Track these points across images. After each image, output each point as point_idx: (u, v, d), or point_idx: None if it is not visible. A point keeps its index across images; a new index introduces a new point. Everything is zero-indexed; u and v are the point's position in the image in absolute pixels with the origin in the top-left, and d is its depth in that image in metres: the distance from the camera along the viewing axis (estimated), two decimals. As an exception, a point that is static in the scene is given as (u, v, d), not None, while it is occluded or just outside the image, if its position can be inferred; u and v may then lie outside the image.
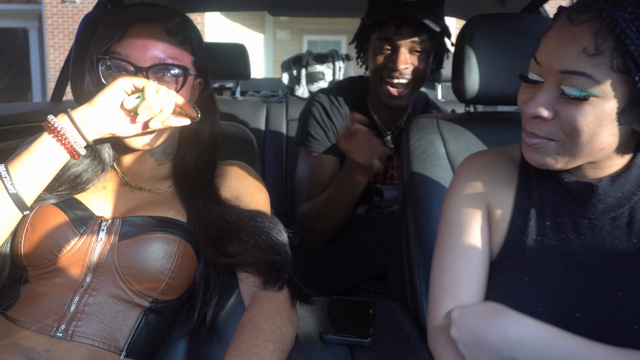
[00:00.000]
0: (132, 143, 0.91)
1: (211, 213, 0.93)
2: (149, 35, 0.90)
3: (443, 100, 2.76)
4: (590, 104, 0.68)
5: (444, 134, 1.27)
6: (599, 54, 0.66)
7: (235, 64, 2.35)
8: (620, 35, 0.64)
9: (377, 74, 1.48)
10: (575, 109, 0.69)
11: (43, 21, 10.14)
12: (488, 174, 0.87)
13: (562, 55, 0.68)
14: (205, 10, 3.89)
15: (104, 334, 0.83)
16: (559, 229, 0.80)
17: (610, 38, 0.65)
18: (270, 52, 11.25)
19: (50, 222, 0.86)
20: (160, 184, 0.99)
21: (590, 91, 0.67)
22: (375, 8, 1.46)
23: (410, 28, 1.41)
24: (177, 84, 0.92)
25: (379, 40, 1.44)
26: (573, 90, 0.68)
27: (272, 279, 0.89)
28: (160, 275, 0.87)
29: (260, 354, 0.78)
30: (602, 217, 0.77)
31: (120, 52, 0.89)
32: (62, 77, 2.07)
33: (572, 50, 0.67)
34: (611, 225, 0.76)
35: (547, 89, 0.71)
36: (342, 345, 0.90)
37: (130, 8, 0.93)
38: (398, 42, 1.42)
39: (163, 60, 0.90)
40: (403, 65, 1.42)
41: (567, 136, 0.71)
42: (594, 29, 0.66)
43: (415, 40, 1.42)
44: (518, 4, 1.82)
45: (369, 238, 1.48)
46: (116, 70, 0.89)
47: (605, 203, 0.76)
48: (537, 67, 0.73)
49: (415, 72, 1.45)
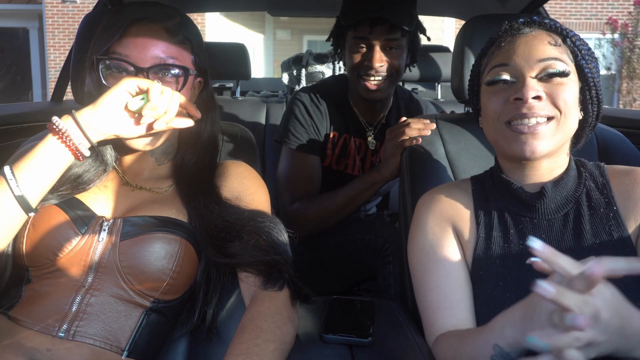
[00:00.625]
0: (134, 144, 0.91)
1: (212, 213, 0.93)
2: (149, 35, 0.90)
3: (443, 100, 2.76)
4: (568, 83, 0.85)
5: (443, 134, 1.27)
6: (559, 45, 0.87)
7: (235, 64, 2.35)
8: (563, 32, 0.87)
9: (354, 71, 1.54)
10: (562, 87, 0.85)
11: (43, 21, 10.14)
12: (447, 202, 0.98)
13: (535, 49, 0.86)
14: (205, 11, 3.89)
15: (106, 334, 0.83)
16: (522, 234, 0.91)
17: (558, 36, 0.88)
18: (270, 52, 11.24)
19: (51, 222, 0.87)
20: (160, 184, 0.99)
21: (565, 70, 0.85)
22: (350, 9, 1.52)
23: (384, 27, 1.46)
24: (178, 84, 0.92)
25: (355, 39, 1.51)
26: (556, 70, 0.85)
27: (272, 278, 0.89)
28: (161, 275, 0.87)
29: (261, 353, 0.78)
30: (555, 214, 0.90)
31: (121, 52, 0.89)
32: (63, 77, 2.07)
33: (540, 45, 0.86)
34: (564, 220, 0.89)
35: (529, 80, 0.85)
36: (342, 345, 0.90)
37: (130, 7, 0.93)
38: (373, 41, 1.48)
39: (163, 60, 0.90)
40: (378, 63, 1.49)
41: (562, 112, 0.85)
42: (544, 31, 0.88)
43: (389, 38, 1.48)
44: (518, 4, 1.82)
45: (357, 241, 1.49)
46: (116, 71, 0.89)
47: (555, 202, 0.89)
48: (511, 69, 0.87)
49: (391, 68, 1.51)
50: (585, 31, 10.04)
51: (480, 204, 0.96)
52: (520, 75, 0.86)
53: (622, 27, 7.92)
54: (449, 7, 2.35)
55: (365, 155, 1.64)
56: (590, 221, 0.88)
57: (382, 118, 1.65)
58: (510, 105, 0.86)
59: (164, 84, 0.89)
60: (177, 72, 0.91)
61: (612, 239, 0.87)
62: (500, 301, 0.86)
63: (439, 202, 0.98)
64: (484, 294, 0.88)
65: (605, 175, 0.93)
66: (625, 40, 8.00)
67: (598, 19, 10.16)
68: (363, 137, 1.64)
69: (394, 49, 1.50)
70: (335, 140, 1.61)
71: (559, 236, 0.89)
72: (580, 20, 10.28)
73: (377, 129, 1.65)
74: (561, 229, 0.89)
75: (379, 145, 1.63)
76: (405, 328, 0.97)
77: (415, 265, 0.96)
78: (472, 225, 0.95)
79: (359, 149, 1.64)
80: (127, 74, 0.88)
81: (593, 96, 0.89)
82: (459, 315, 0.87)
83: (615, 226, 0.87)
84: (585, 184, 0.91)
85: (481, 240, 0.93)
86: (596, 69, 0.90)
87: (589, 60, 0.88)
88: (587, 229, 0.88)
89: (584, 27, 10.21)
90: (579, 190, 0.91)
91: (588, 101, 0.89)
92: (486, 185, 0.98)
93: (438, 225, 0.95)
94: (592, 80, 0.88)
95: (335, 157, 1.62)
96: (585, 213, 0.89)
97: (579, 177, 0.92)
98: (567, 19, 10.19)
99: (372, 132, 1.64)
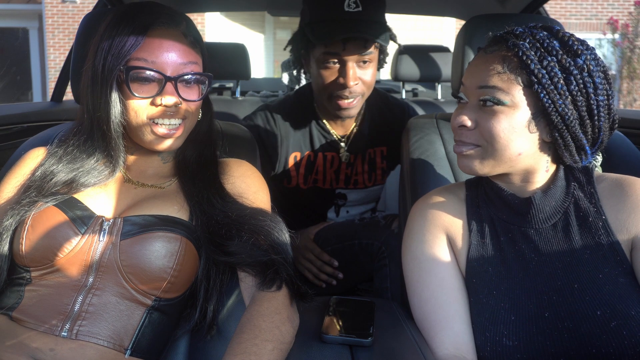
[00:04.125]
0: (156, 146, 0.95)
1: (214, 208, 0.94)
2: (170, 39, 0.92)
3: (443, 100, 2.76)
4: (503, 112, 0.85)
5: (444, 134, 1.27)
6: (506, 72, 0.85)
7: (235, 64, 2.35)
8: (522, 56, 0.83)
9: (325, 91, 1.42)
10: (492, 117, 0.85)
11: (43, 21, 10.14)
12: (440, 209, 0.98)
13: (479, 74, 0.87)
14: (205, 11, 3.89)
15: (109, 333, 0.83)
16: (512, 242, 0.92)
17: (515, 60, 0.84)
18: (270, 52, 11.24)
19: (50, 222, 0.87)
20: (163, 180, 1.00)
21: (501, 99, 0.84)
22: (321, 29, 1.36)
23: (358, 42, 1.35)
24: (200, 90, 0.96)
25: (325, 55, 1.37)
26: (489, 98, 0.85)
27: (268, 279, 0.89)
28: (162, 273, 0.87)
29: (259, 353, 0.78)
30: (544, 224, 0.91)
31: (146, 59, 0.89)
32: (62, 77, 2.07)
33: (485, 71, 0.86)
34: (553, 230, 0.91)
35: (470, 105, 0.89)
36: (342, 345, 0.90)
37: (139, 11, 0.92)
38: (346, 57, 1.35)
39: (185, 65, 0.92)
40: (353, 82, 1.37)
41: (488, 142, 0.86)
42: (501, 54, 0.86)
43: (363, 53, 1.36)
44: (518, 4, 1.82)
45: (354, 246, 1.49)
46: (145, 82, 0.90)
47: (544, 212, 0.91)
48: (463, 88, 0.90)
49: (364, 84, 1.41)
50: (585, 31, 10.05)
51: (473, 211, 0.97)
52: (467, 95, 0.90)
53: (622, 27, 7.92)
54: (449, 7, 2.35)
55: (339, 168, 1.59)
56: (579, 231, 0.89)
57: (355, 127, 1.58)
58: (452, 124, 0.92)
59: (188, 90, 0.94)
60: (201, 79, 0.95)
61: (602, 248, 0.87)
62: (494, 309, 0.87)
63: (431, 209, 0.99)
64: (478, 302, 0.90)
65: (592, 183, 0.93)
66: (625, 40, 8.00)
67: (598, 19, 10.16)
68: (335, 149, 1.56)
69: (367, 62, 1.39)
70: (298, 160, 1.55)
71: (549, 245, 0.90)
72: (580, 21, 10.28)
73: (350, 140, 1.57)
74: (550, 239, 0.90)
75: (353, 158, 1.58)
76: (405, 328, 0.97)
77: (409, 274, 0.97)
78: (465, 233, 0.96)
79: (332, 162, 1.58)
80: (155, 84, 0.90)
81: (557, 122, 0.83)
82: (455, 328, 0.88)
83: (605, 235, 0.88)
84: (573, 194, 0.92)
85: (473, 248, 0.94)
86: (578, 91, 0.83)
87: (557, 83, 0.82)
88: (576, 239, 0.89)
89: (584, 27, 10.21)
90: (567, 200, 0.92)
91: (549, 126, 0.85)
92: (479, 191, 0.99)
93: (431, 232, 0.96)
94: (551, 106, 0.82)
95: (302, 176, 1.57)
96: (573, 223, 0.90)
97: (567, 187, 0.92)
98: (567, 19, 10.19)
99: (344, 144, 1.57)
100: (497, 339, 0.85)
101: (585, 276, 0.86)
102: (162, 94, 0.91)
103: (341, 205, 1.66)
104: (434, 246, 0.95)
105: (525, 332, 0.84)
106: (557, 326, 0.83)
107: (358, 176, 1.61)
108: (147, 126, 0.93)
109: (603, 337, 0.80)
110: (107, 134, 0.92)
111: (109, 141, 0.92)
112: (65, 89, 2.10)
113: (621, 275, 0.84)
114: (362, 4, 1.35)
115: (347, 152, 1.57)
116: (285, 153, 1.55)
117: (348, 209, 1.68)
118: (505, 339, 0.85)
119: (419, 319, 0.94)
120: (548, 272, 0.88)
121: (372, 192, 1.68)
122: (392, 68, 2.78)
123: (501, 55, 0.86)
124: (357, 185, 1.63)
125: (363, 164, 1.61)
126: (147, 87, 0.91)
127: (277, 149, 1.52)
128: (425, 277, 0.93)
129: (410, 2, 2.33)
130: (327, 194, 1.62)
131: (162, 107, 0.91)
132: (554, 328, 0.83)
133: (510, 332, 0.85)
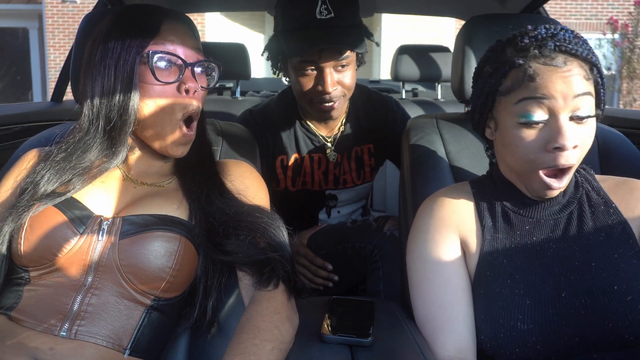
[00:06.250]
0: (171, 152, 0.95)
1: (213, 205, 0.94)
2: (180, 31, 0.94)
3: (443, 100, 2.76)
4: (592, 122, 0.85)
5: (444, 134, 1.27)
6: (589, 79, 0.84)
7: (235, 64, 2.35)
8: (592, 58, 0.84)
9: (305, 97, 1.42)
10: (587, 128, 0.84)
11: (43, 21, 10.14)
12: (450, 207, 0.98)
13: (573, 84, 0.82)
14: (205, 11, 3.89)
15: (108, 333, 0.83)
16: (529, 234, 0.93)
17: (587, 65, 0.84)
18: (270, 52, 11.23)
19: (49, 223, 0.86)
20: (162, 178, 1.00)
21: (593, 111, 0.84)
22: (294, 40, 1.35)
23: (335, 49, 1.33)
24: (212, 78, 1.00)
25: (301, 63, 1.36)
26: (590, 102, 0.84)
27: (265, 278, 0.90)
28: (161, 273, 0.87)
29: (259, 352, 0.78)
30: (560, 214, 0.94)
31: (165, 45, 0.91)
32: (62, 77, 2.07)
33: (578, 77, 0.83)
34: (568, 219, 0.94)
35: (563, 120, 0.82)
36: (342, 345, 0.90)
37: (140, 8, 0.95)
38: (322, 64, 1.34)
39: (201, 54, 0.95)
40: (331, 87, 1.36)
41: (577, 161, 0.85)
42: (578, 62, 0.84)
43: (339, 58, 1.35)
44: (518, 4, 1.82)
45: (347, 249, 1.49)
46: (168, 65, 0.91)
47: (560, 204, 0.94)
48: (547, 103, 0.83)
49: (344, 87, 1.40)
50: (585, 31, 10.04)
51: (483, 206, 0.97)
52: (554, 113, 0.83)
53: (622, 27, 7.92)
54: (449, 7, 2.35)
55: (327, 169, 1.59)
56: (592, 218, 0.93)
57: (340, 127, 1.58)
58: (546, 155, 0.84)
59: (202, 77, 0.96)
60: (213, 67, 0.99)
61: (615, 231, 0.91)
62: (509, 297, 0.88)
63: (441, 208, 0.98)
64: (491, 292, 0.89)
65: (596, 180, 0.98)
66: (625, 40, 8.00)
67: (598, 19, 10.16)
68: (322, 151, 1.56)
69: (345, 66, 1.37)
70: (284, 163, 1.55)
71: (564, 233, 0.92)
72: (580, 21, 10.28)
73: (336, 140, 1.57)
74: (565, 227, 0.93)
75: (340, 157, 1.58)
76: (405, 328, 0.97)
77: (413, 274, 0.96)
78: (478, 228, 0.96)
79: (319, 163, 1.57)
80: (176, 68, 0.91)
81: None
82: (458, 330, 0.88)
83: (616, 220, 0.92)
84: (583, 186, 0.97)
85: (487, 243, 0.94)
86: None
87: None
88: (590, 224, 0.92)
89: (584, 27, 10.21)
90: (579, 192, 0.96)
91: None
92: (487, 188, 0.99)
93: (440, 232, 0.95)
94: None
95: (289, 179, 1.57)
96: (587, 212, 0.94)
97: (576, 181, 0.97)
98: (567, 19, 10.19)
99: (331, 144, 1.57)
100: (512, 324, 0.85)
101: (601, 256, 0.89)
102: (184, 80, 0.92)
103: (332, 207, 1.67)
104: (443, 246, 0.94)
105: (540, 315, 0.85)
106: (574, 304, 0.85)
107: (347, 175, 1.61)
108: (176, 125, 0.93)
109: (620, 310, 0.83)
110: (115, 129, 0.91)
111: (115, 136, 0.91)
112: (65, 89, 2.10)
113: (634, 257, 0.88)
114: (333, 9, 1.33)
115: (334, 152, 1.57)
116: (272, 157, 1.54)
117: (339, 209, 1.69)
118: (520, 323, 0.85)
119: (421, 319, 0.94)
120: (566, 256, 0.90)
121: (362, 190, 1.69)
122: (392, 68, 2.78)
123: (578, 63, 0.84)
124: (346, 184, 1.63)
125: (350, 163, 1.61)
126: (169, 73, 0.91)
127: (263, 153, 1.51)
128: (431, 278, 0.93)
129: (410, 2, 2.33)
130: (317, 196, 1.63)
131: (184, 98, 0.93)
132: (571, 307, 0.85)
133: (525, 316, 0.85)
